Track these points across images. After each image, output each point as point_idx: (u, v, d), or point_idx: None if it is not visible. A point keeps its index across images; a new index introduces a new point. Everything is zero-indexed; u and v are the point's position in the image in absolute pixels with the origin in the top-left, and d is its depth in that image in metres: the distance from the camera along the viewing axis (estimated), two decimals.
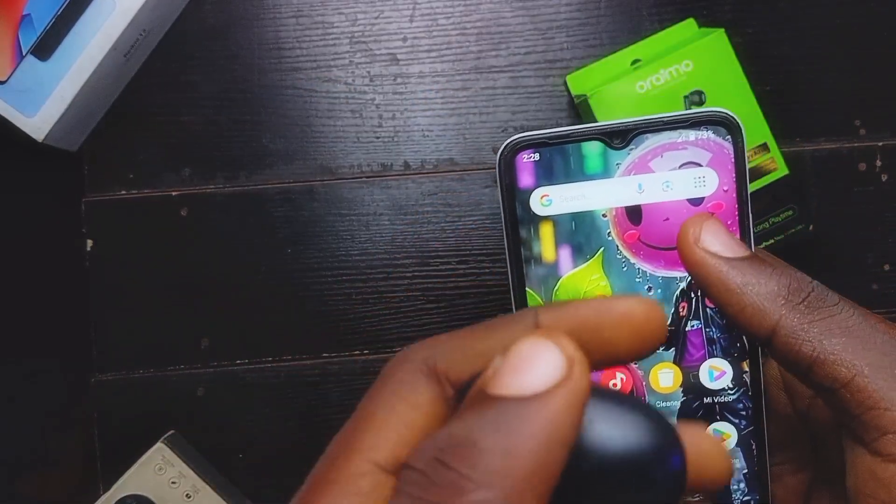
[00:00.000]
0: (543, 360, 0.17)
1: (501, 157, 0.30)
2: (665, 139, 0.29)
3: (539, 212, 0.30)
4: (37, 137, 0.42)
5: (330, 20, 0.47)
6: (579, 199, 0.30)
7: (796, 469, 0.30)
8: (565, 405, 0.17)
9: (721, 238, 0.26)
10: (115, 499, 0.44)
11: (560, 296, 0.30)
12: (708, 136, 0.29)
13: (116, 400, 0.47)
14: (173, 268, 0.47)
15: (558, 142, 0.30)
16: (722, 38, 0.43)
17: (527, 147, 0.30)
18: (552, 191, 0.30)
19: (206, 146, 0.47)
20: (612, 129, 0.30)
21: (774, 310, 0.25)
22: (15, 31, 0.41)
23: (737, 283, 0.25)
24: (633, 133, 0.29)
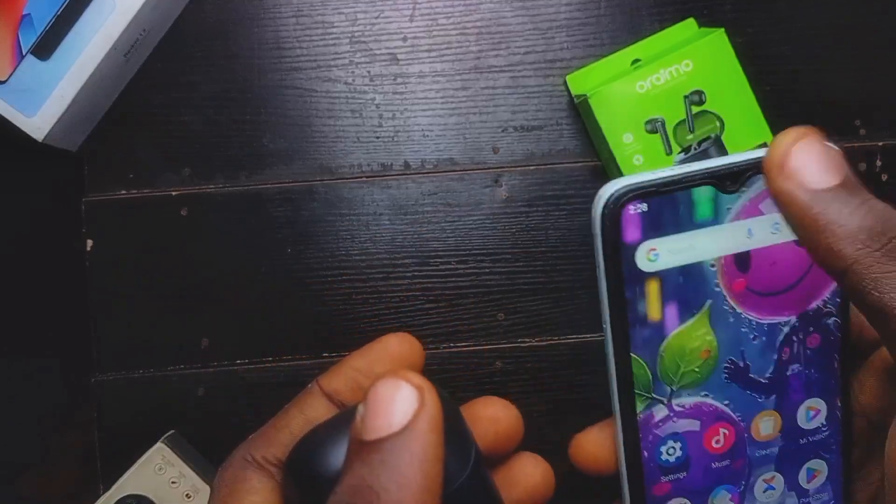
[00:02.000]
0: (399, 397, 0.21)
1: (606, 210, 0.26)
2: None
3: (645, 268, 0.27)
4: (37, 137, 0.42)
5: (330, 20, 0.47)
6: (688, 250, 0.27)
7: (871, 483, 0.30)
8: (428, 427, 0.20)
9: (812, 160, 0.24)
10: (115, 499, 0.44)
11: (667, 356, 0.27)
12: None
13: (116, 400, 0.47)
14: (173, 268, 0.47)
15: (669, 189, 0.26)
16: (722, 38, 0.43)
17: (635, 198, 0.26)
18: (660, 244, 0.27)
19: (206, 146, 0.47)
20: (726, 169, 0.26)
21: (849, 253, 0.23)
22: (15, 31, 0.41)
23: (816, 220, 0.23)
24: (747, 174, 0.26)
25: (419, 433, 0.20)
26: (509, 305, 0.47)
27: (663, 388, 0.28)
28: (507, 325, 0.47)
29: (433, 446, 0.20)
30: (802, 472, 0.30)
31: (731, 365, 0.28)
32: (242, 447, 0.25)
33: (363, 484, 0.20)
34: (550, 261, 0.47)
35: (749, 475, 0.29)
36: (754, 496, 0.29)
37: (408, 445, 0.20)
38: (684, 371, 0.28)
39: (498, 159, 0.47)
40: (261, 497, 0.24)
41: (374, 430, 0.20)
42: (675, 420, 0.28)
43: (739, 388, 0.28)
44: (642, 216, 0.26)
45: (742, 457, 0.29)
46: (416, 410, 0.20)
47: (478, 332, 0.47)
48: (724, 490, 0.29)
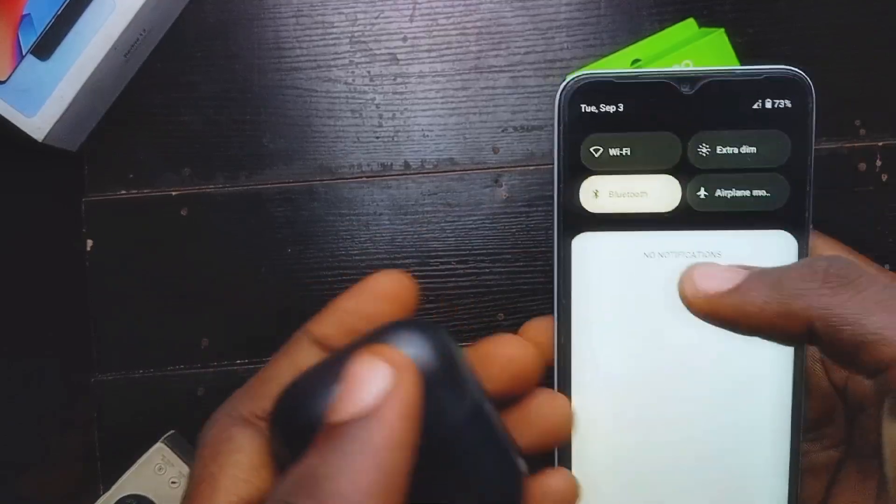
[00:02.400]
0: (372, 376, 0.18)
1: (563, 97, 0.27)
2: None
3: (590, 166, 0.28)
4: (37, 137, 0.42)
5: (330, 20, 0.47)
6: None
7: (826, 446, 0.29)
8: (397, 412, 0.18)
9: (714, 275, 0.25)
10: (115, 499, 0.44)
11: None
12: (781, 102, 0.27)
13: (116, 400, 0.47)
14: (173, 267, 0.47)
15: (628, 83, 0.27)
16: (722, 38, 0.43)
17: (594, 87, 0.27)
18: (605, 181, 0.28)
19: (206, 146, 0.47)
20: (683, 74, 0.27)
21: (799, 306, 0.22)
22: (15, 31, 0.41)
23: (754, 305, 0.23)
24: (703, 80, 0.27)
25: (385, 420, 0.18)
26: (509, 305, 0.47)
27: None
28: (507, 326, 0.47)
29: (400, 434, 0.18)
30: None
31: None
32: (227, 404, 0.23)
33: (308, 472, 0.18)
34: (550, 261, 0.47)
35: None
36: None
37: (368, 432, 0.18)
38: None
39: (498, 159, 0.47)
40: (247, 455, 0.22)
41: (340, 412, 0.18)
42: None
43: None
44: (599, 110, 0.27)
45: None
46: (386, 392, 0.18)
47: (478, 332, 0.47)
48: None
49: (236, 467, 0.21)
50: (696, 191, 0.28)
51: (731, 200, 0.28)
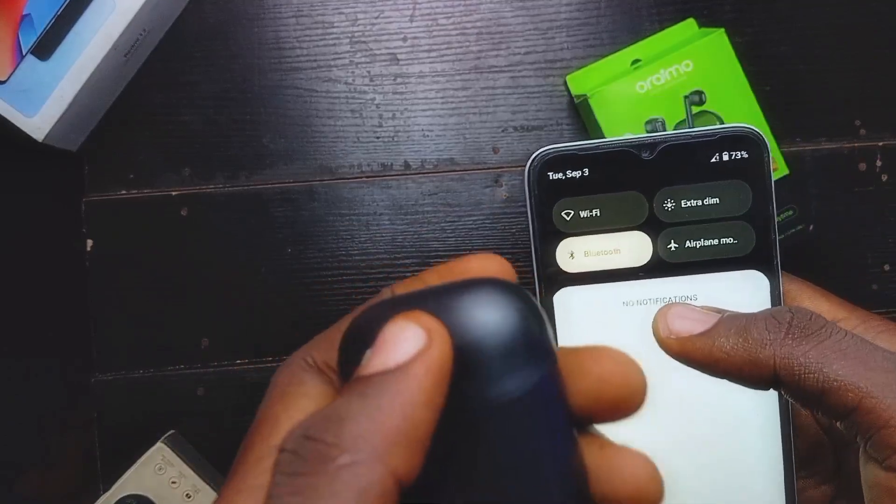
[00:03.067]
0: (404, 337, 0.19)
1: (531, 170, 0.30)
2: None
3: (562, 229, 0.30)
4: (37, 137, 0.42)
5: (330, 20, 0.47)
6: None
7: (820, 482, 0.31)
8: (425, 370, 0.18)
9: (687, 316, 0.26)
10: (115, 499, 0.44)
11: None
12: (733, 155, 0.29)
13: (116, 400, 0.47)
14: (173, 268, 0.47)
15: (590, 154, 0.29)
16: (722, 38, 0.43)
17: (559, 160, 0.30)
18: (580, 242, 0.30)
19: (206, 146, 0.47)
20: (641, 141, 0.29)
21: (765, 355, 0.24)
22: (15, 31, 0.41)
23: (722, 350, 0.25)
24: (661, 145, 0.29)
25: (413, 375, 0.18)
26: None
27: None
28: None
29: (426, 391, 0.18)
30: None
31: None
32: (302, 350, 0.23)
33: (334, 413, 0.18)
34: None
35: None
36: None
37: (396, 385, 0.18)
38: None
39: (498, 159, 0.47)
40: (313, 401, 0.22)
41: (370, 367, 0.19)
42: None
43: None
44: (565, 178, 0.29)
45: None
46: (417, 352, 0.18)
47: None
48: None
49: (300, 411, 0.21)
50: (667, 244, 0.29)
51: (701, 250, 0.29)
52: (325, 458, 0.17)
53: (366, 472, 0.17)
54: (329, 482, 0.17)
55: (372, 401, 0.18)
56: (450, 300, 0.20)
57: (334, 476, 0.17)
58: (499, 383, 0.19)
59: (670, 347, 0.26)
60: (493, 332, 0.19)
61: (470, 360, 0.19)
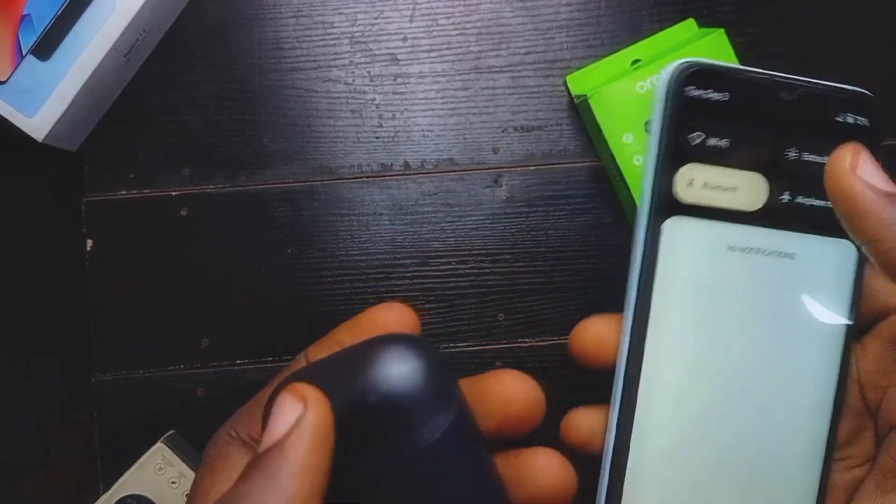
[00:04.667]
0: (284, 410, 0.21)
1: (671, 83, 0.28)
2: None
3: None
4: (37, 137, 0.42)
5: (330, 20, 0.47)
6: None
7: (850, 466, 0.30)
8: (300, 438, 0.20)
9: (877, 171, 0.26)
10: (115, 499, 0.44)
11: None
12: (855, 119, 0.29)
13: (116, 400, 0.47)
14: (173, 268, 0.47)
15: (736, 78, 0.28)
16: (722, 38, 0.43)
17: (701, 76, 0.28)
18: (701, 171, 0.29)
19: (206, 146, 0.47)
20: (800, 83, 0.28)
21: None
22: (15, 31, 0.41)
23: (893, 219, 0.25)
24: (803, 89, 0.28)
25: (291, 446, 0.20)
26: (509, 306, 0.47)
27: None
28: (507, 326, 0.47)
29: (307, 457, 0.20)
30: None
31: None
32: (227, 423, 0.26)
33: (238, 495, 0.20)
34: (550, 261, 0.47)
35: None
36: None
37: (278, 458, 0.20)
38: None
39: (498, 159, 0.47)
40: (238, 472, 0.24)
41: (263, 443, 0.21)
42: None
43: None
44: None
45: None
46: (294, 422, 0.21)
47: (478, 332, 0.47)
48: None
49: (227, 482, 0.24)
50: (781, 193, 0.28)
51: (807, 208, 0.29)
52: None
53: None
54: None
55: (264, 476, 0.20)
56: (356, 364, 0.22)
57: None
58: (412, 433, 0.21)
59: (847, 182, 0.25)
60: (400, 387, 0.21)
61: (380, 417, 0.21)
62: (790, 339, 0.28)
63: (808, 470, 0.29)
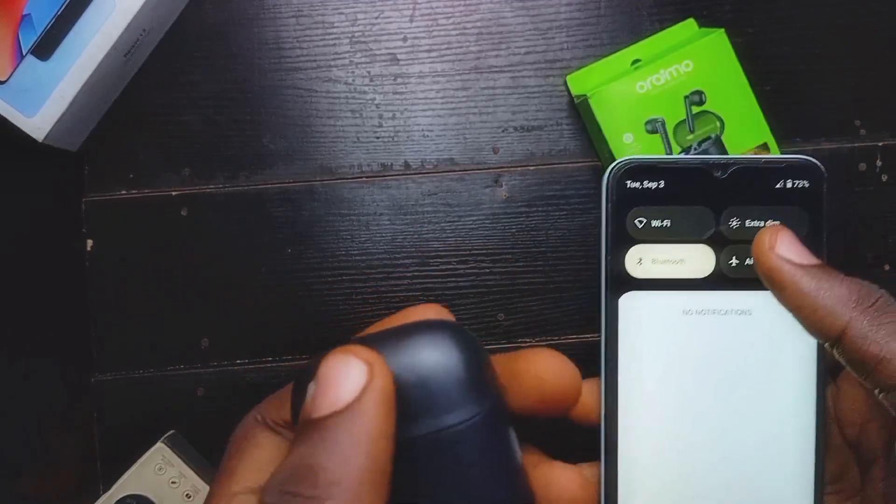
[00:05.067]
0: (346, 372, 0.20)
1: (610, 179, 0.31)
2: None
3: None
4: (37, 137, 0.42)
5: (330, 20, 0.47)
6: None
7: (843, 499, 0.32)
8: (375, 404, 0.19)
9: (794, 246, 0.28)
10: (115, 499, 0.44)
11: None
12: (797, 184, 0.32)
13: (116, 400, 0.47)
14: (173, 268, 0.47)
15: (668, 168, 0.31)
16: (722, 38, 0.43)
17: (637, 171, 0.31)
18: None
19: (206, 146, 0.47)
20: (717, 160, 0.31)
21: (845, 312, 0.26)
22: (15, 31, 0.41)
23: (810, 287, 0.27)
24: (734, 166, 0.31)
25: (364, 411, 0.19)
26: (509, 305, 0.47)
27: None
28: (507, 326, 0.47)
29: (380, 424, 0.19)
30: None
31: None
32: (254, 410, 0.25)
33: (303, 463, 0.19)
34: (550, 261, 0.47)
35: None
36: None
37: (352, 423, 0.19)
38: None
39: (498, 159, 0.47)
40: (268, 452, 0.23)
41: (318, 408, 0.20)
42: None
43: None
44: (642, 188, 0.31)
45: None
46: (363, 386, 0.20)
47: (478, 332, 0.47)
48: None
49: (255, 460, 0.23)
50: (729, 259, 0.31)
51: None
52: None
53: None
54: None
55: (335, 445, 0.19)
56: (401, 341, 0.22)
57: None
58: (448, 416, 0.21)
59: (768, 262, 0.28)
60: (439, 369, 0.21)
61: (417, 396, 0.21)
62: (762, 389, 0.30)
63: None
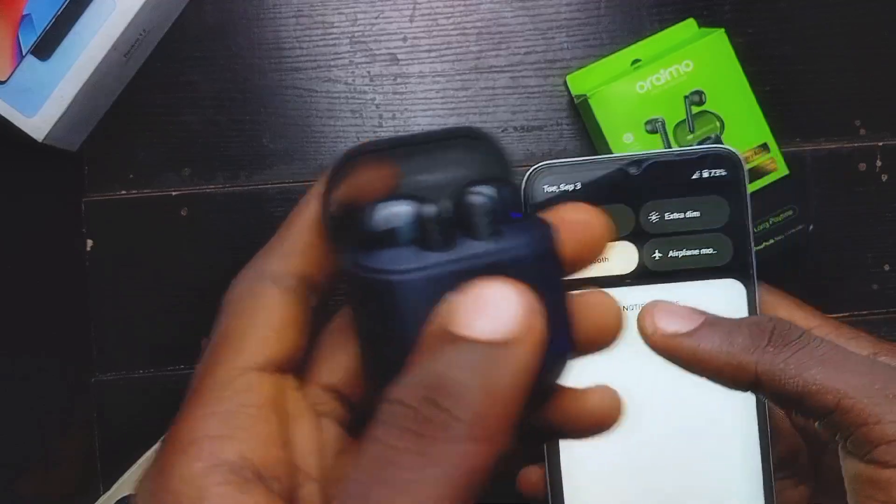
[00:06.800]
0: (510, 306, 0.18)
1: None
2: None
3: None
4: (37, 137, 0.42)
5: (330, 20, 0.47)
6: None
7: (798, 483, 0.32)
8: (532, 352, 0.18)
9: (674, 315, 0.27)
10: (115, 499, 0.44)
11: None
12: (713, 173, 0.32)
13: (116, 400, 0.47)
14: (173, 268, 0.47)
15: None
16: (722, 38, 0.43)
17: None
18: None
19: (206, 146, 0.47)
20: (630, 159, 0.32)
21: (748, 359, 0.26)
22: (15, 31, 0.41)
23: (706, 350, 0.26)
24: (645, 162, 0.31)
25: (520, 354, 0.18)
26: None
27: None
28: None
29: (528, 372, 0.18)
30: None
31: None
32: (250, 266, 0.23)
33: (448, 375, 0.18)
34: None
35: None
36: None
37: (506, 359, 0.18)
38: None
39: None
40: (275, 313, 0.21)
41: (470, 326, 0.18)
42: None
43: None
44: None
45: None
46: (525, 327, 0.18)
47: None
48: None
49: (264, 326, 0.21)
50: (652, 253, 0.31)
51: (682, 259, 0.32)
52: (447, 427, 0.18)
53: (480, 450, 0.18)
54: (448, 452, 0.17)
55: (487, 375, 0.18)
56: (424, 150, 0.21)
57: (453, 447, 0.17)
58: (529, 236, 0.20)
59: (655, 344, 0.27)
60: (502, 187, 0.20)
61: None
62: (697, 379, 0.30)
63: (753, 494, 0.31)
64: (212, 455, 0.19)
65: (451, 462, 0.17)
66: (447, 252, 0.19)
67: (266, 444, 0.20)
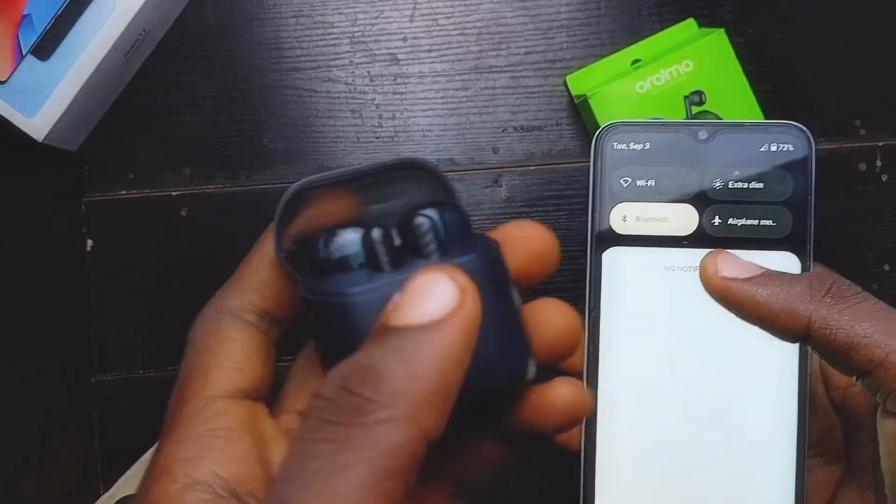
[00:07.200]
0: (438, 291, 0.19)
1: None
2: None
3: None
4: (37, 137, 0.42)
5: (330, 20, 0.47)
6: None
7: (828, 462, 0.32)
8: (459, 330, 0.19)
9: (736, 263, 0.28)
10: (115, 499, 0.44)
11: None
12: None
13: (116, 400, 0.47)
14: (174, 268, 0.47)
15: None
16: (722, 38, 0.43)
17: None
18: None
19: (206, 146, 0.47)
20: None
21: (804, 307, 0.26)
22: (15, 31, 0.41)
23: (763, 296, 0.27)
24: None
25: (448, 333, 0.19)
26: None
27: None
28: None
29: (458, 351, 0.19)
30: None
31: None
32: (211, 303, 0.24)
33: (371, 364, 0.18)
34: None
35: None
36: None
37: (431, 340, 0.18)
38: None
39: (498, 159, 0.47)
40: (239, 346, 0.22)
41: (401, 316, 0.19)
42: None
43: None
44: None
45: None
46: (451, 309, 0.19)
47: None
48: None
49: (228, 358, 0.22)
50: (712, 218, 0.32)
51: (741, 227, 0.32)
52: (363, 411, 0.18)
53: (400, 430, 0.18)
54: (363, 435, 0.18)
55: (409, 357, 0.18)
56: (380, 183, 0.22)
57: (369, 430, 0.18)
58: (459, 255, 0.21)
59: (715, 286, 0.28)
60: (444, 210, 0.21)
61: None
62: (743, 345, 0.31)
63: (784, 469, 0.31)
64: (185, 475, 0.21)
65: (369, 445, 0.17)
66: (396, 272, 0.20)
67: (240, 462, 0.21)
